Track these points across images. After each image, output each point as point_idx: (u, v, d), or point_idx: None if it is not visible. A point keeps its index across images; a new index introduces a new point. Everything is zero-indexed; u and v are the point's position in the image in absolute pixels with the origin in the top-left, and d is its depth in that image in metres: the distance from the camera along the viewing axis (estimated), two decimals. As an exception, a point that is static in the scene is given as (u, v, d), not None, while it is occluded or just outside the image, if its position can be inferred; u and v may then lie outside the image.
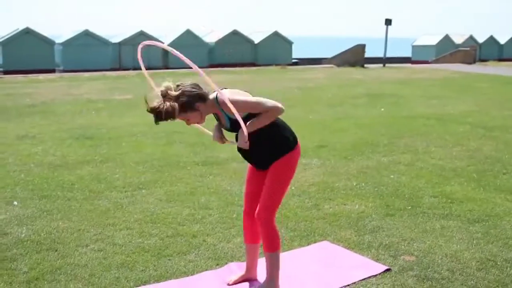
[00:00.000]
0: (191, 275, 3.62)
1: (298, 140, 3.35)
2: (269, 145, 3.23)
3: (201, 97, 3.11)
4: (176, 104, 3.02)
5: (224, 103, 3.04)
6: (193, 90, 3.09)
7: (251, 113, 3.13)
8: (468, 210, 4.91)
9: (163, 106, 3.00)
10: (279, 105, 3.13)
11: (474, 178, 5.99)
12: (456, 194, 5.38)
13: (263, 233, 3.32)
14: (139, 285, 3.48)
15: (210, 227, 4.46)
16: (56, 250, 3.97)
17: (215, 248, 4.06)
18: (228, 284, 3.52)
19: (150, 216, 4.73)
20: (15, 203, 5.06)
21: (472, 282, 3.50)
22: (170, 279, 3.57)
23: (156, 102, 3.02)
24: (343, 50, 28.07)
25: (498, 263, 3.79)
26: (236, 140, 3.18)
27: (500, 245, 4.12)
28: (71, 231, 4.35)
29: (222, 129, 3.33)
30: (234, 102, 3.03)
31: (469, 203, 5.11)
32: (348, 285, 3.46)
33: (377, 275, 3.58)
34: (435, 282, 3.49)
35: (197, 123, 3.21)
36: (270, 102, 3.12)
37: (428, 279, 3.53)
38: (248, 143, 3.13)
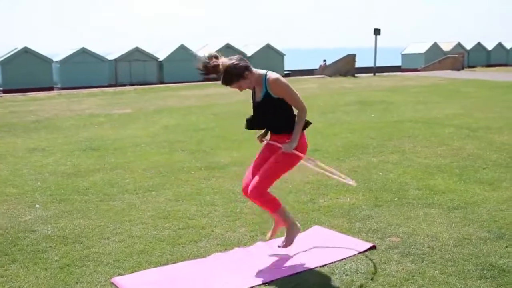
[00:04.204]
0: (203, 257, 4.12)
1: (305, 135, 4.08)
2: (285, 120, 3.92)
3: (249, 68, 3.79)
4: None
5: (274, 82, 3.73)
6: (243, 62, 3.78)
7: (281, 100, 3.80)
8: (449, 199, 5.43)
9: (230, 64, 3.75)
10: (305, 105, 3.88)
11: (456, 173, 6.51)
12: (439, 187, 5.91)
13: (259, 203, 3.94)
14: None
15: (217, 220, 4.96)
16: (81, 243, 4.46)
17: (223, 237, 4.55)
18: (269, 239, 4.25)
19: (162, 213, 5.23)
20: (37, 206, 5.55)
21: (449, 255, 4.01)
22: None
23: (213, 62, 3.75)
24: (334, 60, 28.74)
25: (473, 241, 4.30)
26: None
27: (476, 226, 4.63)
28: (92, 227, 4.85)
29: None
30: (286, 87, 3.77)
31: (450, 194, 5.63)
32: (341, 260, 3.96)
33: (365, 251, 4.09)
34: (416, 257, 4.00)
35: (247, 87, 3.86)
36: (302, 101, 3.86)
37: (411, 254, 4.04)
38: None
